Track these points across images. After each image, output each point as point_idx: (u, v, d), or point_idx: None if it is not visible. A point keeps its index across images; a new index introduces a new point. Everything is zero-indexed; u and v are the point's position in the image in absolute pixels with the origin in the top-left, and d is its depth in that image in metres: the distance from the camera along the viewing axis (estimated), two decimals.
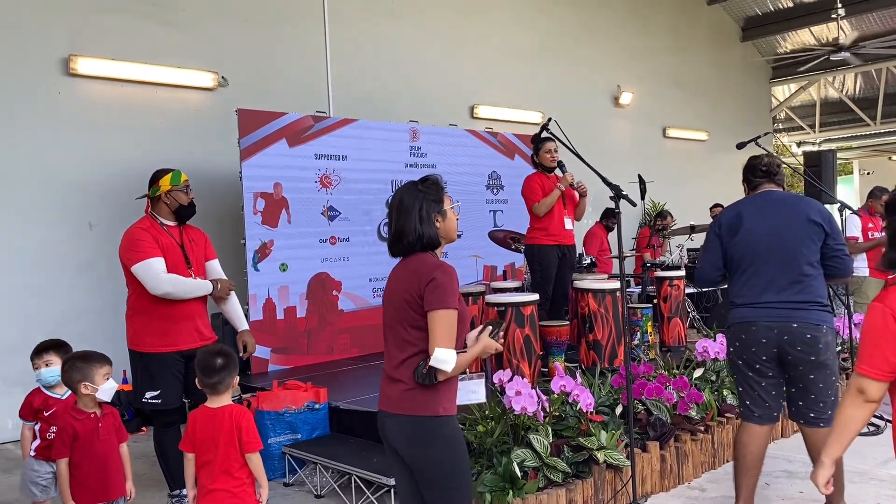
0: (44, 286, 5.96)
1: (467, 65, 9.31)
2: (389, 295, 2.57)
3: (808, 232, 3.37)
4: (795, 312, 3.33)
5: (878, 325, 2.06)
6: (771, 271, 3.39)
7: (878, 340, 2.05)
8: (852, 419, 2.12)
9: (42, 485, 3.55)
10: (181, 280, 3.85)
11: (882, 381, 2.05)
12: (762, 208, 3.49)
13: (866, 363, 2.07)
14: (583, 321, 5.22)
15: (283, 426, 4.57)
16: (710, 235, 3.66)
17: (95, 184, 6.25)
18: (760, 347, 3.40)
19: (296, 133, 6.49)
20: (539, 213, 5.54)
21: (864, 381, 2.07)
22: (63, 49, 6.13)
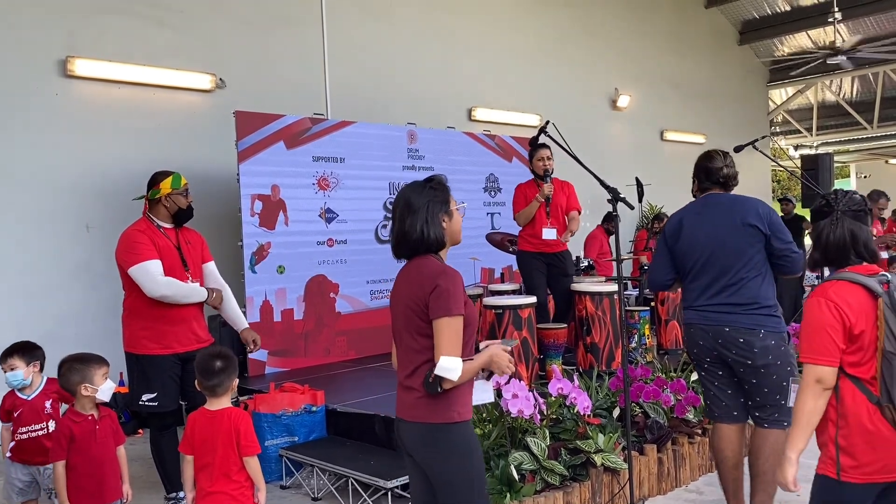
0: (40, 288, 5.94)
1: (465, 67, 9.32)
2: (395, 302, 2.53)
3: (744, 235, 3.40)
4: (727, 316, 3.39)
5: (823, 316, 2.23)
6: (707, 276, 3.46)
7: (825, 330, 2.21)
8: (815, 411, 2.24)
9: (19, 487, 3.56)
10: (178, 284, 3.84)
11: (835, 367, 2.22)
12: (701, 214, 3.56)
13: (820, 353, 2.22)
14: (580, 324, 5.23)
15: (280, 429, 4.56)
16: (659, 241, 3.78)
17: (92, 186, 6.24)
18: (700, 349, 3.51)
19: (293, 135, 6.48)
20: (518, 223, 5.77)
21: (821, 370, 2.22)
22: (60, 50, 6.12)
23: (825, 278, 2.35)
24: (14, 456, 3.54)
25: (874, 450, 2.19)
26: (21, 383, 3.55)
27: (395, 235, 2.53)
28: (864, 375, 2.21)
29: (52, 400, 3.56)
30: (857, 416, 2.20)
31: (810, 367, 2.24)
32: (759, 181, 14.65)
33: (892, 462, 2.21)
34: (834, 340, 2.21)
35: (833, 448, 2.25)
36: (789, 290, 8.83)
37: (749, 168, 13.72)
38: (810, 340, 2.25)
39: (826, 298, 2.24)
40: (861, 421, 2.20)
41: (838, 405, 2.24)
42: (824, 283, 2.30)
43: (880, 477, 2.22)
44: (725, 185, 3.61)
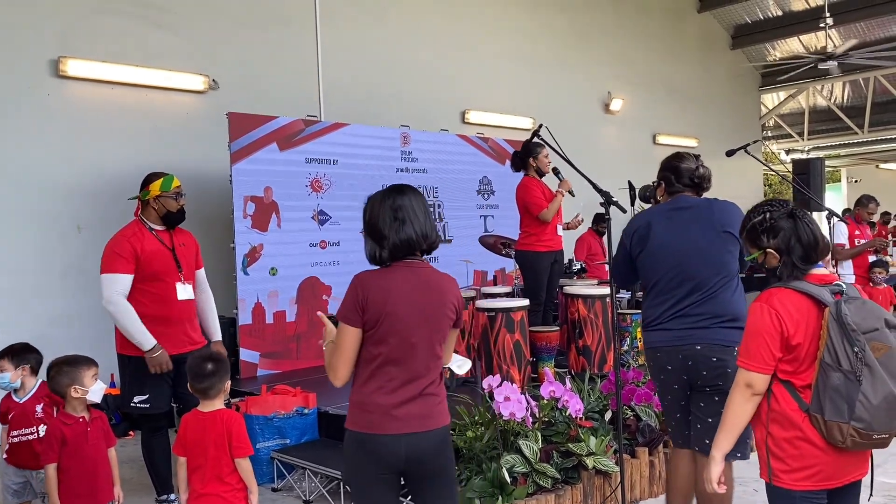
0: (31, 289, 5.91)
1: (459, 70, 9.33)
2: (411, 311, 2.33)
3: (724, 244, 3.12)
4: (697, 331, 3.05)
5: (763, 323, 2.23)
6: (681, 289, 3.10)
7: (762, 337, 2.22)
8: (743, 413, 2.28)
9: (13, 489, 3.55)
10: (128, 315, 3.75)
11: (768, 374, 2.23)
12: (673, 219, 3.20)
13: (754, 359, 2.23)
14: (573, 327, 5.24)
15: (272, 431, 4.55)
16: (620, 244, 3.39)
17: (84, 186, 6.22)
18: (668, 375, 3.16)
19: (287, 137, 6.48)
20: (547, 219, 5.51)
21: (753, 376, 2.23)
22: (53, 50, 6.10)
23: (770, 285, 2.32)
24: (8, 458, 3.53)
25: (803, 456, 2.19)
26: (8, 386, 3.53)
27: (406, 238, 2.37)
28: (799, 383, 2.22)
29: (43, 404, 3.54)
30: (788, 422, 2.21)
31: (742, 371, 2.26)
32: (751, 185, 14.71)
33: (828, 470, 2.19)
34: (770, 348, 2.21)
35: (765, 451, 2.26)
36: None
37: (741, 172, 13.79)
38: (748, 345, 2.26)
39: (769, 306, 2.23)
40: (791, 427, 2.20)
41: (769, 409, 2.25)
42: (770, 290, 2.29)
43: (816, 484, 2.20)
44: (699, 187, 3.29)
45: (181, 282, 3.92)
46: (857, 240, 7.04)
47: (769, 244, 2.33)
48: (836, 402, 2.12)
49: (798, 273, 2.29)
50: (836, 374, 2.12)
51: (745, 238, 2.42)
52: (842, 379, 2.11)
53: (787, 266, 2.31)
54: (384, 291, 2.32)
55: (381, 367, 2.33)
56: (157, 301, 3.84)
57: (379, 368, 2.33)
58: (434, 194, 7.65)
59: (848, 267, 7.07)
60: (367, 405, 2.33)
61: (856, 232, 7.06)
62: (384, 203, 2.46)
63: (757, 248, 2.37)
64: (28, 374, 3.57)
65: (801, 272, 2.29)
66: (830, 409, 2.13)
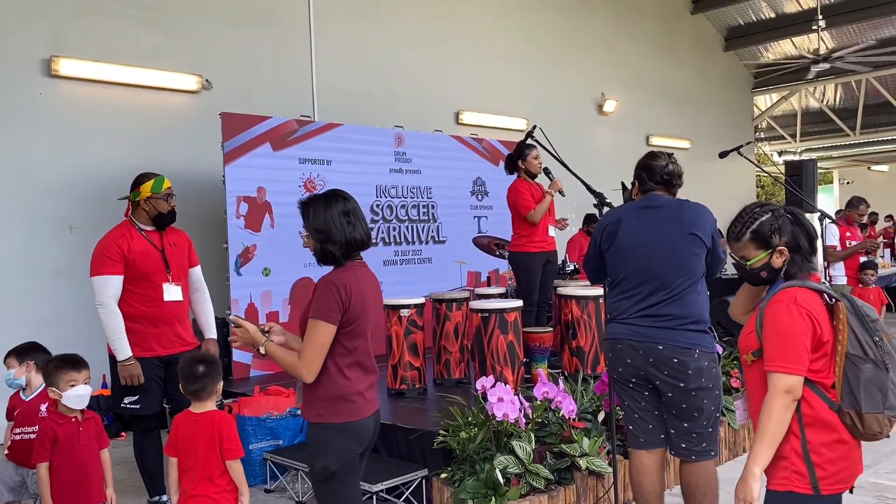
0: (23, 289, 5.88)
1: (453, 71, 9.33)
2: (374, 304, 2.67)
3: (691, 245, 3.13)
4: (662, 332, 3.07)
5: (796, 323, 2.14)
6: (645, 287, 3.12)
7: (798, 338, 2.13)
8: (783, 422, 2.13)
9: (10, 486, 3.54)
10: (114, 322, 3.75)
11: (805, 375, 2.13)
12: (641, 217, 3.23)
13: (793, 361, 2.12)
14: (566, 328, 5.24)
15: (265, 432, 4.54)
16: (591, 239, 3.44)
17: (76, 186, 6.19)
18: (626, 368, 3.17)
19: (280, 137, 6.46)
20: (535, 220, 5.52)
21: (793, 380, 2.12)
22: (45, 50, 6.07)
23: (783, 285, 2.25)
24: (9, 455, 3.54)
25: (840, 458, 2.16)
26: (12, 383, 3.56)
27: (360, 239, 2.66)
28: (827, 382, 2.17)
29: (48, 403, 3.53)
30: (825, 425, 2.15)
31: (781, 376, 2.12)
32: (744, 187, 14.77)
33: (854, 467, 2.20)
34: (806, 348, 2.13)
35: (800, 461, 2.14)
36: None
37: (734, 174, 13.85)
38: (782, 348, 2.14)
39: (797, 305, 2.16)
40: (828, 430, 2.15)
41: (803, 415, 2.15)
42: (789, 289, 2.22)
43: (843, 487, 2.18)
44: (669, 184, 3.31)
45: (168, 282, 3.90)
46: (849, 241, 7.08)
47: (780, 242, 2.28)
48: (872, 392, 2.10)
49: (809, 269, 2.28)
50: (867, 364, 2.10)
51: (751, 239, 2.31)
52: (873, 369, 2.10)
53: (797, 264, 2.28)
54: (359, 290, 2.57)
55: (357, 359, 2.59)
56: (145, 302, 3.83)
57: (356, 360, 2.58)
58: (428, 195, 7.64)
59: (839, 268, 7.10)
60: (350, 395, 2.56)
61: (847, 234, 7.10)
62: (334, 207, 2.65)
63: (764, 249, 2.29)
64: (34, 372, 3.56)
65: (811, 268, 2.28)
66: (867, 401, 2.10)
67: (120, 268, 3.77)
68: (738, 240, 2.35)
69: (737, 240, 2.35)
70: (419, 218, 7.56)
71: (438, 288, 7.05)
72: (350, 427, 2.55)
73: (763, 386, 2.18)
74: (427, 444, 4.05)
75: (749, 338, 2.28)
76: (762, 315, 2.23)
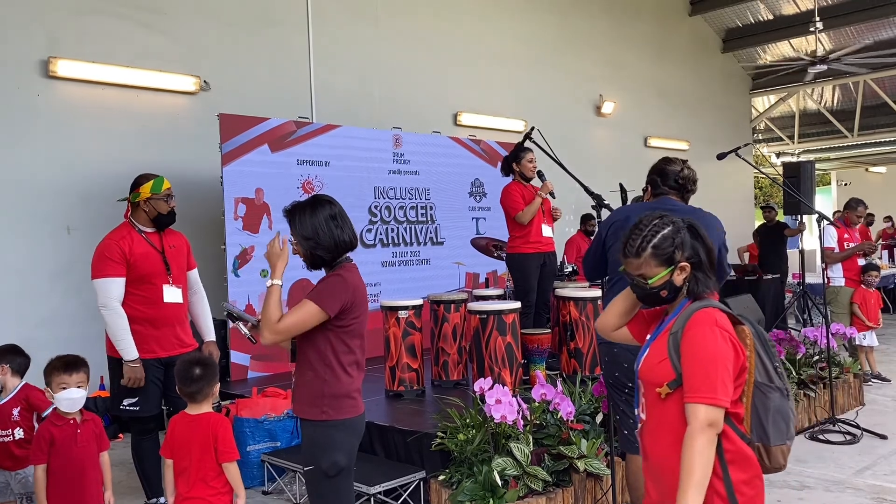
0: (20, 291, 5.87)
1: (451, 72, 9.33)
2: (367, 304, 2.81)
3: None
4: None
5: (720, 348, 1.91)
6: None
7: (724, 365, 1.90)
8: (710, 460, 1.87)
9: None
10: (118, 323, 3.75)
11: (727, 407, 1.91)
12: None
13: (719, 391, 1.88)
14: (564, 329, 5.24)
15: (263, 434, 4.53)
16: (596, 234, 3.42)
17: (74, 188, 6.18)
18: (623, 373, 3.13)
19: (278, 138, 6.46)
20: (523, 222, 5.54)
21: (716, 413, 1.88)
22: (42, 51, 6.06)
23: (697, 306, 2.02)
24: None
25: (757, 495, 1.98)
26: None
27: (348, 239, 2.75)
28: (739, 413, 1.96)
29: (20, 407, 3.52)
30: (746, 460, 1.95)
31: (705, 408, 1.87)
32: (742, 188, 14.78)
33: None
34: (731, 376, 1.91)
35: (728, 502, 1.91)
36: (771, 294, 8.90)
37: (732, 175, 13.85)
38: (707, 376, 1.88)
39: (720, 328, 1.93)
40: (748, 465, 1.96)
41: (725, 451, 1.93)
42: (707, 311, 1.99)
43: None
44: (683, 189, 3.29)
45: (169, 284, 3.90)
46: (847, 243, 7.08)
47: (682, 258, 2.05)
48: (778, 423, 1.95)
49: (712, 287, 2.07)
50: (775, 393, 1.96)
51: (653, 255, 2.07)
52: (780, 398, 1.96)
53: (700, 281, 2.06)
54: (360, 291, 2.71)
55: (356, 358, 2.69)
56: (145, 303, 3.83)
57: (355, 359, 2.69)
58: (426, 196, 7.64)
59: (837, 270, 7.10)
60: (351, 392, 2.66)
61: (845, 235, 7.10)
62: (319, 213, 2.73)
63: (666, 266, 2.05)
64: (9, 375, 3.55)
65: (713, 286, 2.08)
66: (775, 432, 1.95)
67: (122, 270, 3.77)
68: (637, 255, 2.10)
69: (636, 255, 2.10)
70: (417, 219, 7.56)
71: (436, 289, 7.05)
72: (351, 423, 2.65)
73: (681, 420, 1.92)
74: (425, 445, 4.04)
75: (662, 366, 2.01)
76: (677, 340, 1.97)
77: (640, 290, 2.13)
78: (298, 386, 2.67)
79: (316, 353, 2.62)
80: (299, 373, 2.68)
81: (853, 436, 5.13)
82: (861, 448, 4.97)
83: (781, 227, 10.47)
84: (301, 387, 2.66)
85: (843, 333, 6.22)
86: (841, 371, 5.90)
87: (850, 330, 6.39)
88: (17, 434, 3.48)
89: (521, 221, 5.55)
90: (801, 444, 5.06)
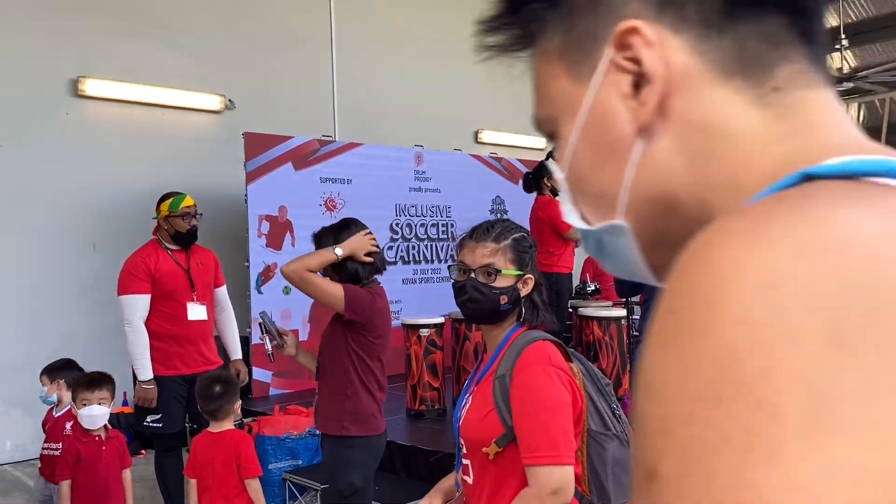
0: (46, 307, 5.94)
1: (472, 90, 9.34)
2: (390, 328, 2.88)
3: None
4: None
5: (559, 395, 1.55)
6: None
7: (565, 414, 1.55)
8: None
9: (40, 499, 3.62)
10: (139, 341, 3.79)
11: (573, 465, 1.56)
12: None
13: (564, 447, 1.51)
14: (587, 349, 5.19)
15: (284, 452, 4.52)
16: None
17: (100, 205, 6.26)
18: None
19: (301, 156, 6.51)
20: (574, 238, 5.49)
21: (565, 474, 1.51)
22: (72, 70, 6.17)
23: (530, 337, 1.65)
24: (41, 469, 3.63)
25: None
26: (45, 400, 3.63)
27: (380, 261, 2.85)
28: (577, 471, 1.58)
29: (72, 421, 3.57)
30: None
31: (547, 470, 1.49)
32: None
33: None
34: (572, 426, 1.56)
35: None
36: None
37: None
38: (547, 431, 1.51)
39: (555, 368, 1.58)
40: None
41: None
42: (538, 345, 1.63)
43: None
44: None
45: (193, 301, 3.92)
46: None
47: (528, 271, 1.74)
48: (620, 477, 1.63)
49: (547, 320, 1.75)
50: (612, 442, 1.65)
51: (512, 246, 1.72)
52: (619, 447, 1.65)
53: (538, 308, 1.74)
54: (384, 312, 2.76)
55: (378, 378, 2.74)
56: (170, 320, 3.86)
57: (376, 379, 2.73)
58: (447, 214, 7.64)
59: None
60: (372, 411, 2.69)
61: None
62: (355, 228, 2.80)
63: (518, 268, 1.72)
64: (64, 389, 3.60)
65: (550, 320, 1.76)
66: (616, 489, 1.62)
67: (147, 287, 3.80)
68: (497, 241, 1.72)
69: (495, 241, 1.72)
70: (438, 237, 7.56)
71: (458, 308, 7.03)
72: (371, 442, 2.66)
73: (517, 484, 1.56)
74: (447, 466, 4.00)
75: (488, 421, 1.60)
76: (506, 385, 1.59)
77: (476, 291, 1.70)
78: (321, 401, 2.69)
79: (339, 368, 2.63)
80: (322, 388, 2.70)
81: None
82: None
83: None
84: (323, 402, 2.67)
85: None
86: None
87: None
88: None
89: (573, 238, 5.49)
90: None
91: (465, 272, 1.74)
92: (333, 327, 2.68)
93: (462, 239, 1.79)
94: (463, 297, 1.73)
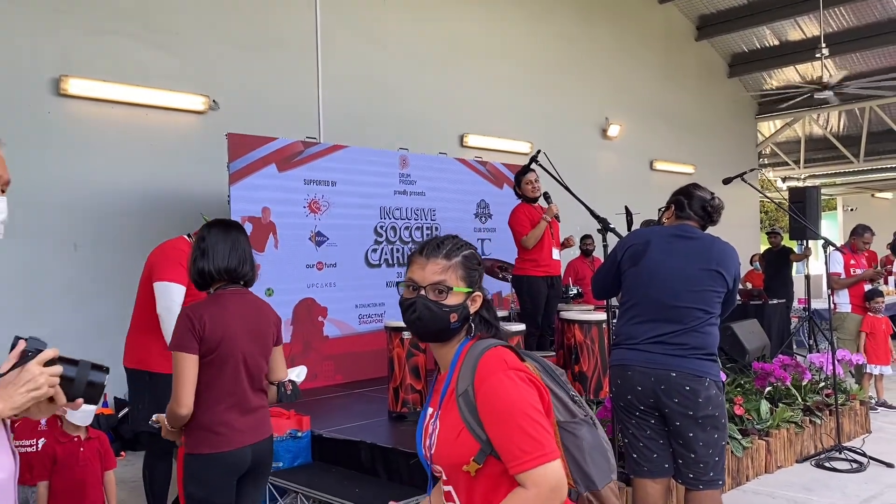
0: (26, 307, 5.89)
1: (457, 94, 9.39)
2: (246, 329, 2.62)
3: (714, 281, 3.11)
4: (675, 360, 3.03)
5: (524, 393, 1.57)
6: (663, 315, 3.09)
7: (536, 410, 1.57)
8: None
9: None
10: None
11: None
12: (671, 244, 3.19)
13: (546, 443, 1.54)
14: (569, 352, 5.22)
15: None
16: (611, 255, 3.38)
17: (82, 204, 6.21)
18: (636, 395, 3.11)
19: (285, 158, 6.49)
20: (528, 246, 5.57)
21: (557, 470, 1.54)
22: (54, 69, 6.13)
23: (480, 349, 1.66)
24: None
25: None
26: None
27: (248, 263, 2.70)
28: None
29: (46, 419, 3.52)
30: None
31: (540, 470, 1.51)
32: (748, 213, 14.78)
33: None
34: (546, 420, 1.59)
35: None
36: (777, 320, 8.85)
37: (737, 200, 13.83)
38: (524, 432, 1.52)
39: (513, 369, 1.60)
40: None
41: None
42: (490, 352, 1.64)
43: None
44: (708, 218, 3.27)
45: None
46: (853, 269, 7.06)
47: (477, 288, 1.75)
48: (598, 461, 1.69)
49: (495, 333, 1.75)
50: (582, 427, 1.69)
51: (463, 264, 1.73)
52: (589, 431, 1.70)
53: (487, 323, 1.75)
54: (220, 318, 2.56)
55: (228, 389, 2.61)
56: None
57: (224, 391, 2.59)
58: (431, 217, 7.66)
59: (844, 296, 7.08)
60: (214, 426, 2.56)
61: (851, 261, 7.08)
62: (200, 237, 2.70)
63: (468, 285, 1.72)
64: None
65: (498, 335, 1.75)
66: (598, 473, 1.68)
67: (186, 279, 3.81)
68: (447, 257, 1.72)
69: (446, 257, 1.72)
70: (423, 240, 7.56)
71: None
72: (219, 458, 2.56)
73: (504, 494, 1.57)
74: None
75: (462, 441, 1.60)
76: (471, 400, 1.59)
77: (426, 309, 1.68)
78: None
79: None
80: None
81: (860, 464, 5.08)
82: (868, 476, 4.92)
83: (787, 251, 10.44)
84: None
85: (850, 360, 6.18)
86: (847, 398, 5.86)
87: (856, 356, 6.35)
88: (41, 444, 3.47)
89: (526, 245, 5.58)
90: (808, 471, 5.02)
91: (414, 289, 1.71)
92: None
93: (411, 255, 1.77)
94: (412, 315, 1.69)
